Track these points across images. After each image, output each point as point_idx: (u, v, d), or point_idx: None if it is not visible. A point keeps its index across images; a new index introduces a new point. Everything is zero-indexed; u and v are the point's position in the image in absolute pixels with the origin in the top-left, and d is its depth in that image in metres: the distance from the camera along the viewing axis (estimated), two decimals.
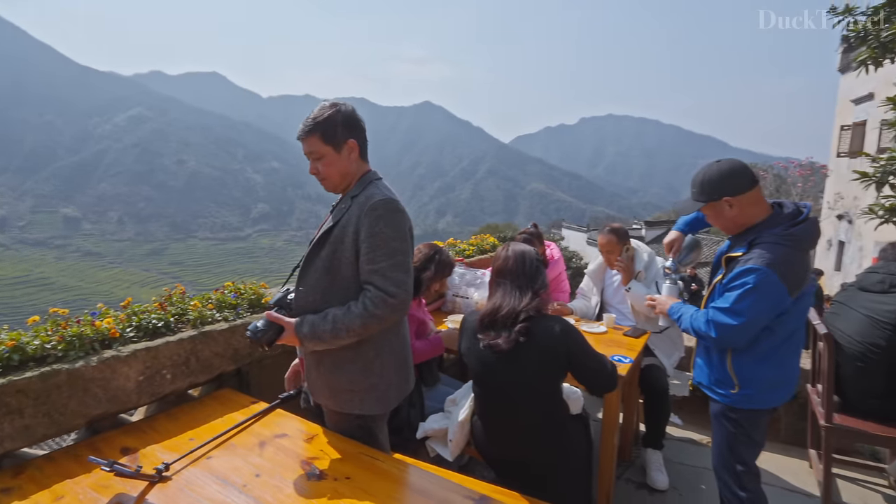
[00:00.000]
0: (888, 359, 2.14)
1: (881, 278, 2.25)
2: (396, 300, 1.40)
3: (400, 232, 1.44)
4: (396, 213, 1.45)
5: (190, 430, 1.57)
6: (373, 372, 1.49)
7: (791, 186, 18.34)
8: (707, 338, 1.75)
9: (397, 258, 1.41)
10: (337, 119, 1.46)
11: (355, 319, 1.37)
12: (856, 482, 2.60)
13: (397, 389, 1.57)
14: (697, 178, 1.74)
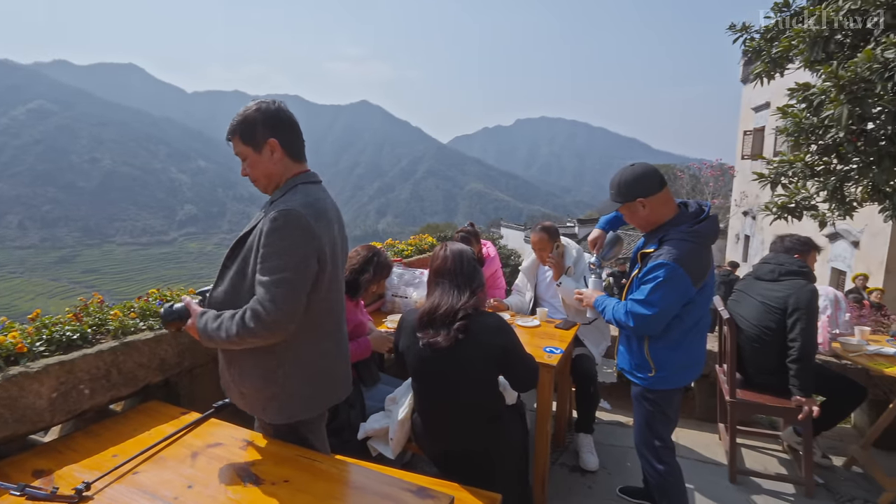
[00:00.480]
0: (780, 339, 2.43)
1: (772, 268, 2.55)
2: (269, 318, 1.27)
3: (295, 247, 1.30)
4: (297, 228, 1.30)
5: (113, 446, 1.48)
6: (275, 381, 1.40)
7: (704, 186, 20.01)
8: (626, 327, 1.91)
9: (283, 275, 1.28)
10: (256, 118, 1.40)
11: (233, 327, 1.30)
12: (757, 450, 2.92)
13: (308, 400, 1.45)
14: (614, 181, 1.89)
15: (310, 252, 1.32)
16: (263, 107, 1.43)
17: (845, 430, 3.20)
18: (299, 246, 1.31)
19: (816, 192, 5.11)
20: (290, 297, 1.29)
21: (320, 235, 1.35)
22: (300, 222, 1.30)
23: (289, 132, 1.45)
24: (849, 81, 3.82)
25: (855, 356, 2.39)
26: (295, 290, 1.30)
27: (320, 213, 1.37)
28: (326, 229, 1.38)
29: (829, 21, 4.18)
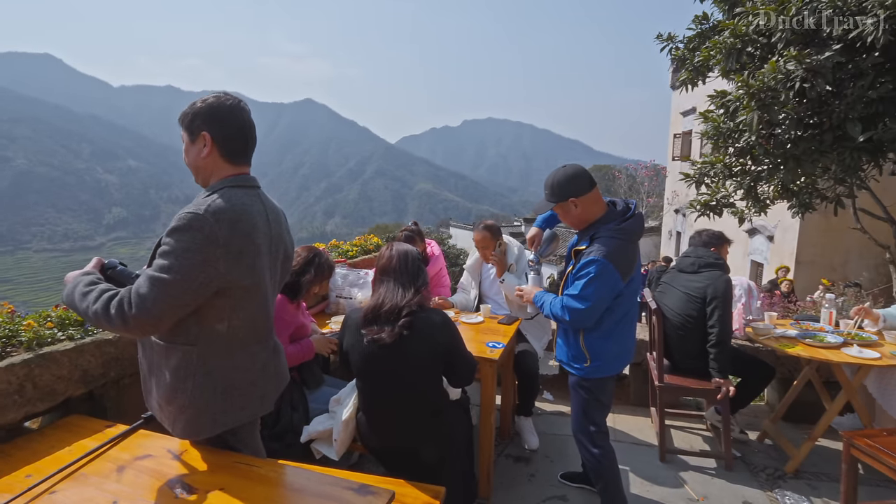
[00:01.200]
0: (701, 326, 2.64)
1: (692, 261, 2.76)
2: (131, 314, 1.18)
3: (189, 252, 1.20)
4: (198, 233, 1.20)
5: (27, 465, 1.37)
6: (184, 393, 1.31)
7: (640, 185, 21.17)
8: (562, 321, 2.00)
9: (165, 276, 1.19)
10: (200, 108, 1.35)
11: (98, 306, 1.22)
12: (685, 430, 3.15)
13: (219, 416, 1.35)
14: (548, 182, 1.99)
15: (208, 260, 1.22)
16: (212, 100, 1.37)
17: (760, 407, 3.51)
18: (195, 252, 1.21)
19: (734, 190, 5.57)
20: (161, 299, 1.19)
21: (229, 244, 1.24)
22: (204, 228, 1.21)
23: (227, 130, 1.37)
24: (757, 90, 4.19)
25: (764, 339, 2.64)
26: (171, 295, 1.20)
27: (237, 222, 1.27)
28: (244, 238, 1.29)
29: (741, 34, 4.56)
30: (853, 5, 3.75)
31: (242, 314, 1.34)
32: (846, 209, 6.26)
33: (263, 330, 1.43)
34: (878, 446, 2.00)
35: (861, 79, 4.01)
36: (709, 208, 5.59)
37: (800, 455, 2.59)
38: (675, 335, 2.75)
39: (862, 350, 2.39)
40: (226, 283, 1.27)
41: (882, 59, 3.95)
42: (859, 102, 4.05)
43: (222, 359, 1.34)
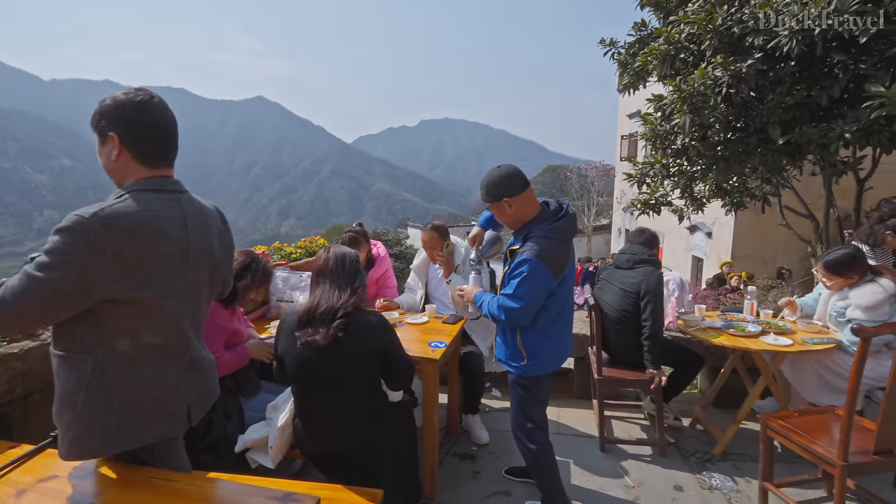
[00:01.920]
0: (636, 320, 2.75)
1: (628, 258, 2.88)
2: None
3: (66, 254, 1.12)
4: (80, 237, 1.12)
5: None
6: (73, 407, 1.21)
7: (591, 185, 21.90)
8: (499, 320, 2.02)
9: (38, 274, 1.12)
10: (105, 105, 1.26)
11: None
12: (625, 420, 3.28)
13: (113, 435, 1.24)
14: (483, 182, 2.01)
15: (88, 265, 1.13)
16: (121, 97, 1.27)
17: (693, 395, 3.71)
18: (74, 255, 1.13)
19: (671, 189, 5.86)
20: (27, 296, 1.12)
21: (120, 252, 1.16)
22: (87, 233, 1.13)
23: (137, 130, 1.27)
24: (689, 94, 4.42)
25: (693, 330, 2.79)
26: (38, 294, 1.12)
27: (134, 229, 1.18)
28: (144, 247, 1.21)
29: (675, 42, 4.80)
30: (772, 19, 4.03)
31: (148, 326, 1.25)
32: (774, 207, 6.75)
33: (177, 345, 1.32)
34: (789, 426, 2.16)
35: (780, 86, 4.31)
36: (648, 207, 5.85)
37: (725, 438, 2.75)
38: (613, 329, 2.86)
39: (777, 338, 2.57)
40: (113, 293, 1.18)
41: (797, 68, 4.27)
42: (779, 108, 4.36)
43: (123, 373, 1.24)
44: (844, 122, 3.89)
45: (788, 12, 3.89)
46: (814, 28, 3.77)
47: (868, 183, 6.18)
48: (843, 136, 3.90)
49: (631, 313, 2.76)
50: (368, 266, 3.22)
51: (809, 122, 4.25)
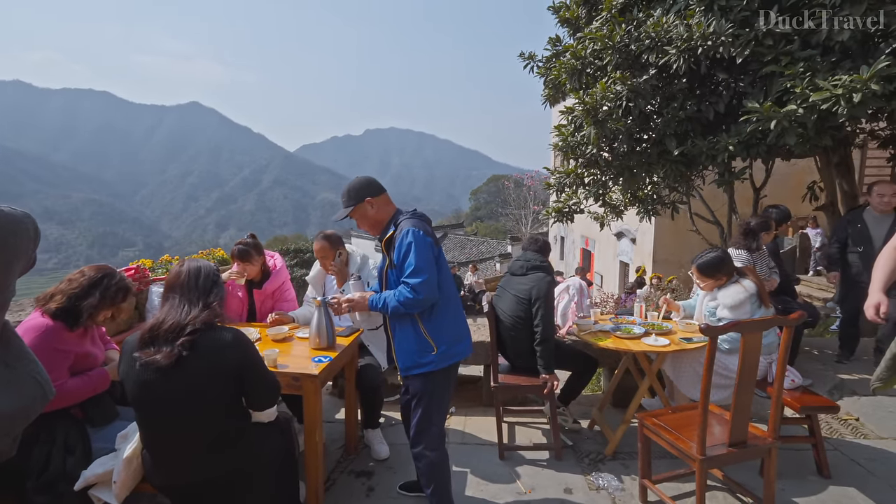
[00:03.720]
0: (529, 326, 2.79)
1: (521, 264, 2.92)
2: None
3: None
4: None
5: None
6: None
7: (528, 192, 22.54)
8: (414, 303, 1.98)
9: None
10: None
11: None
12: (527, 425, 3.31)
13: None
14: (344, 191, 2.08)
15: None
16: None
17: (597, 397, 3.83)
18: None
19: (585, 198, 6.10)
20: None
21: None
22: None
23: None
24: (592, 106, 4.63)
25: (584, 334, 2.87)
26: None
27: None
28: None
29: (581, 57, 5.02)
30: (663, 38, 4.31)
31: None
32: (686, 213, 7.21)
33: None
34: (661, 424, 2.25)
35: (674, 101, 4.62)
36: (562, 214, 6.07)
37: (616, 438, 2.84)
38: (509, 336, 2.89)
39: (658, 339, 2.70)
40: None
41: (687, 85, 4.59)
42: (673, 121, 4.65)
43: None
44: (728, 136, 4.22)
45: (676, 33, 4.17)
46: (697, 47, 4.07)
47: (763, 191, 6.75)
48: (728, 149, 4.23)
49: (524, 319, 2.80)
50: (263, 279, 3.08)
51: (701, 135, 4.57)
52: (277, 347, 2.45)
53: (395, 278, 2.07)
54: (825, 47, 3.72)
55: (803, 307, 3.99)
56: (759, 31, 3.82)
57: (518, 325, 2.82)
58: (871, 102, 3.32)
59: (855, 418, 3.22)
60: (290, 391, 2.23)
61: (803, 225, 9.96)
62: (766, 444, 2.08)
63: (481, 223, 41.19)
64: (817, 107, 3.46)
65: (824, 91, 3.41)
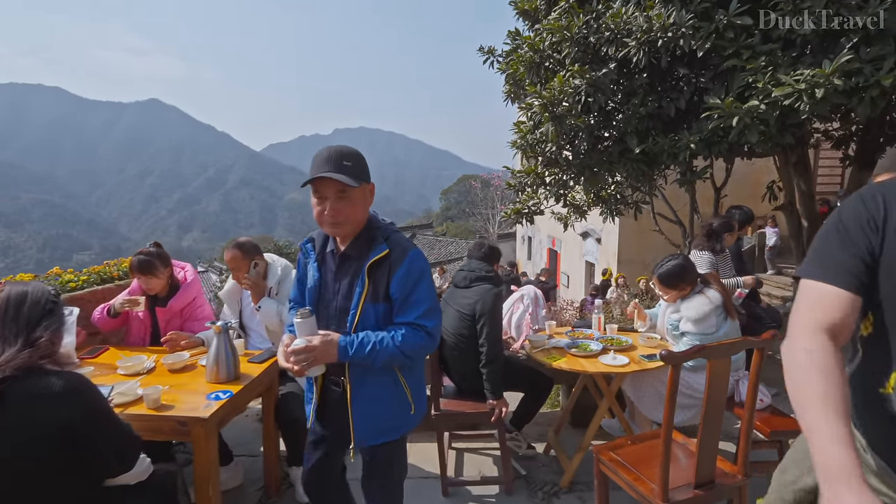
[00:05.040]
0: (474, 345, 2.47)
1: (465, 275, 2.59)
2: None
3: None
4: None
5: None
6: None
7: (495, 193, 22.39)
8: (424, 351, 1.51)
9: None
10: None
11: None
12: (477, 452, 2.99)
13: None
14: (347, 153, 1.46)
15: None
16: None
17: (555, 414, 3.55)
18: None
19: (546, 198, 5.86)
20: None
21: None
22: None
23: None
24: (549, 101, 4.36)
25: (536, 352, 2.57)
26: None
27: None
28: None
29: (539, 50, 4.75)
30: (623, 30, 4.07)
31: None
32: (649, 213, 7.09)
33: None
34: (619, 459, 1.96)
35: (634, 96, 4.40)
36: (521, 215, 5.80)
37: (572, 467, 2.55)
38: (452, 356, 2.56)
39: (616, 357, 2.42)
40: None
41: (648, 80, 4.38)
42: (634, 118, 4.43)
43: None
44: (690, 133, 4.02)
45: (636, 24, 3.95)
46: (657, 40, 3.85)
47: (724, 191, 6.67)
48: (689, 147, 4.03)
49: (468, 338, 2.47)
50: (170, 294, 2.64)
51: (662, 132, 4.36)
52: (172, 380, 2.05)
53: (380, 315, 1.48)
54: (786, 41, 3.55)
55: (767, 312, 3.83)
56: (719, 24, 3.63)
57: (462, 345, 2.49)
58: (832, 98, 3.17)
59: None
60: (178, 437, 1.83)
61: (762, 224, 10.07)
62: (736, 483, 1.82)
63: (452, 223, 40.95)
64: (779, 103, 3.29)
65: (786, 86, 3.23)
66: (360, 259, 1.49)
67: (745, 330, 3.34)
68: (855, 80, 3.16)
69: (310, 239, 1.64)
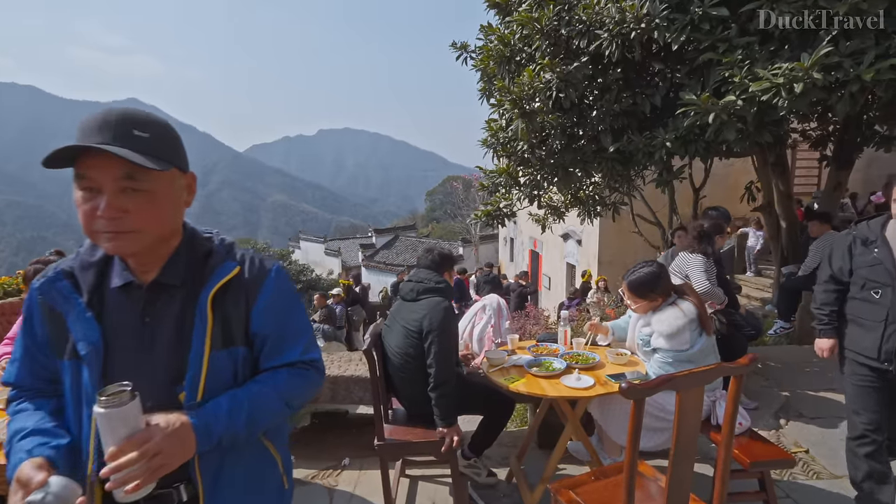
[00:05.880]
0: (422, 366, 2.19)
1: (412, 287, 2.32)
2: None
3: None
4: None
5: None
6: None
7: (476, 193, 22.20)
8: (314, 387, 1.11)
9: None
10: None
11: None
12: (433, 479, 2.70)
13: None
14: (141, 131, 0.93)
15: None
16: None
17: (522, 433, 3.29)
18: None
19: (519, 199, 5.62)
20: None
21: None
22: None
23: None
24: (518, 98, 4.12)
25: (493, 372, 2.30)
26: None
27: None
28: None
29: (509, 43, 4.51)
30: (595, 21, 3.85)
31: None
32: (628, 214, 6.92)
33: None
34: (578, 501, 1.70)
35: (608, 92, 4.18)
36: (492, 218, 5.56)
37: (533, 501, 2.28)
38: (398, 378, 2.28)
39: (581, 377, 2.16)
40: None
41: (622, 75, 4.16)
42: (608, 115, 4.22)
43: None
44: (666, 131, 3.82)
45: (608, 15, 3.73)
46: (630, 31, 3.63)
47: (703, 192, 6.52)
48: (665, 145, 3.83)
49: (415, 357, 2.19)
50: None
51: (638, 130, 4.16)
52: None
53: (238, 364, 1.02)
54: (764, 34, 3.36)
55: (747, 319, 3.63)
56: (694, 15, 3.42)
57: (409, 365, 2.22)
58: (812, 94, 2.99)
59: (805, 450, 2.84)
60: None
61: (741, 225, 10.00)
62: None
63: (438, 224, 40.66)
64: (757, 98, 3.10)
65: (764, 81, 3.04)
66: (192, 286, 1.01)
67: (724, 339, 3.14)
68: (834, 74, 2.99)
69: (59, 273, 1.01)
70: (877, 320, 2.01)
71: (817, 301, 2.29)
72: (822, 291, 2.26)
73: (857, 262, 2.11)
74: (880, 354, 2.00)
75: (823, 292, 2.26)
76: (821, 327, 2.28)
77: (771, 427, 3.12)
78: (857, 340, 2.11)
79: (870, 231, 2.11)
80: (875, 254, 2.04)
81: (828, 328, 2.25)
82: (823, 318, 2.25)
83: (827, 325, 2.25)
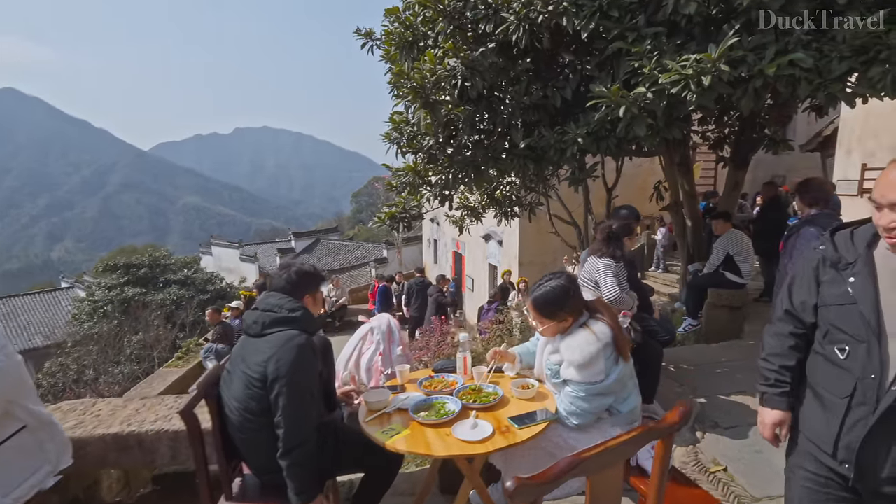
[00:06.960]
0: (269, 424, 1.63)
1: (256, 317, 1.74)
2: None
3: None
4: None
5: None
6: None
7: None
8: None
9: None
10: None
11: None
12: None
13: None
14: None
15: None
16: None
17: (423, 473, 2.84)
18: None
19: (427, 199, 5.18)
20: None
21: None
22: None
23: None
24: (419, 85, 3.67)
25: (370, 421, 1.80)
26: None
27: None
28: None
29: (411, 25, 4.06)
30: (501, 3, 3.50)
31: None
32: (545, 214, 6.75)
33: None
34: None
35: (517, 84, 3.86)
36: (396, 220, 5.08)
37: None
38: (239, 440, 1.71)
39: (477, 423, 1.73)
40: None
41: (532, 66, 3.86)
42: (519, 108, 3.90)
43: None
44: (577, 126, 3.56)
45: None
46: (537, 16, 3.32)
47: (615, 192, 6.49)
48: (577, 141, 3.56)
49: (257, 414, 1.64)
50: None
51: (549, 125, 3.88)
52: None
53: None
54: (672, 24, 3.18)
55: (661, 324, 3.45)
56: (603, 2, 3.17)
57: (251, 424, 1.65)
58: (719, 88, 2.85)
59: (723, 468, 2.65)
60: None
61: (650, 223, 10.36)
62: None
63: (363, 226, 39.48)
64: (666, 91, 2.91)
65: (673, 72, 2.86)
66: None
67: (638, 347, 2.90)
68: (739, 69, 2.87)
69: None
70: (838, 395, 1.26)
71: (765, 349, 1.49)
72: (773, 335, 1.47)
73: (823, 296, 1.33)
74: (836, 450, 1.26)
75: (774, 336, 1.46)
76: (763, 389, 1.46)
77: (688, 442, 2.92)
78: (809, 420, 1.36)
79: (847, 249, 1.30)
80: (849, 285, 1.26)
81: (773, 393, 1.43)
82: (769, 376, 1.44)
83: (773, 388, 1.43)
